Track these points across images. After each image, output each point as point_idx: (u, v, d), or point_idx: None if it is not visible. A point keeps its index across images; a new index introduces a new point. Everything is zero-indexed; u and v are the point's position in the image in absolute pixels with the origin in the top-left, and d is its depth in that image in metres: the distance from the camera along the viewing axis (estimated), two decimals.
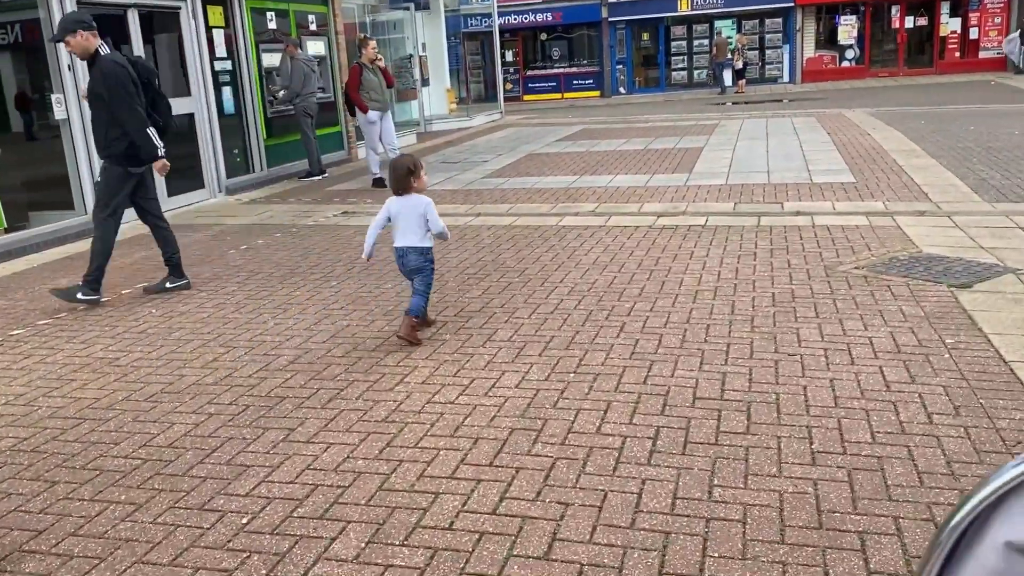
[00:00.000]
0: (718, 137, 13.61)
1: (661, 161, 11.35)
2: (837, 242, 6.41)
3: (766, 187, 8.94)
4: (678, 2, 27.49)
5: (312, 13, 12.47)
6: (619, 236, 7.05)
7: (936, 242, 6.25)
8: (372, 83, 10.17)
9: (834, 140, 12.19)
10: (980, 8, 25.44)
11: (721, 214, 7.77)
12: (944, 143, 11.24)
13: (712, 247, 6.46)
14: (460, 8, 26.35)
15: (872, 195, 8.20)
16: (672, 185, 9.46)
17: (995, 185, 8.29)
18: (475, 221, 8.09)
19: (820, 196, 8.31)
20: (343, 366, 4.24)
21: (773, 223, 7.25)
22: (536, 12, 28.92)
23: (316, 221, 8.55)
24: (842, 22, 26.83)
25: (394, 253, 4.63)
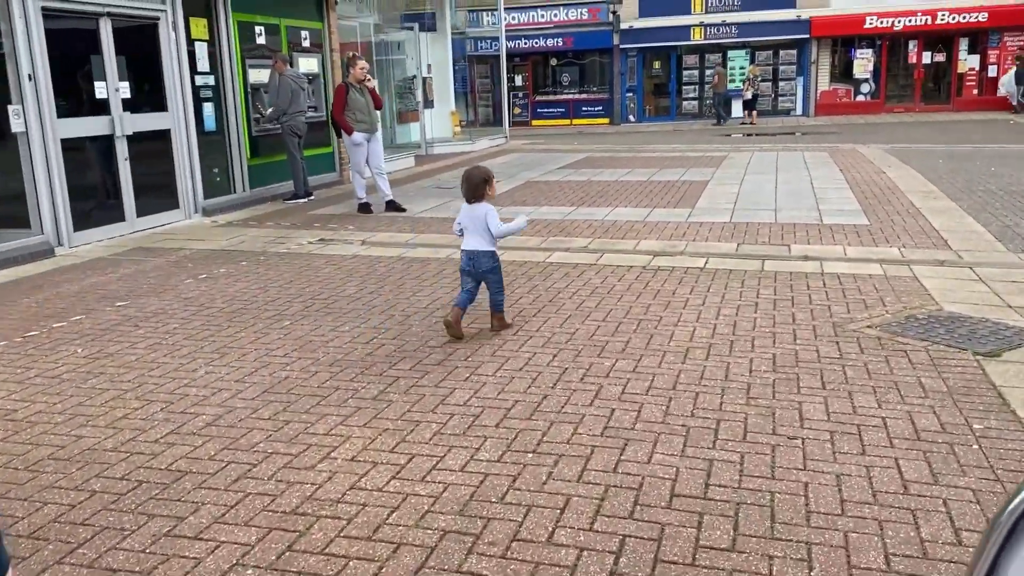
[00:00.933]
0: (725, 170, 13.04)
1: (664, 194, 10.77)
2: (848, 294, 5.79)
3: (772, 227, 8.34)
4: (691, 31, 27.06)
5: (306, 29, 11.99)
6: (609, 277, 6.45)
7: (958, 298, 5.62)
8: (358, 104, 9.64)
9: (847, 177, 11.60)
10: (999, 45, 24.91)
11: (723, 256, 7.17)
12: (963, 184, 10.63)
13: (710, 295, 5.85)
14: (466, 31, 26.05)
15: (887, 240, 7.59)
16: (673, 221, 8.87)
17: (1020, 233, 7.67)
18: (458, 254, 7.50)
19: (830, 239, 7.70)
20: (266, 432, 3.64)
21: (778, 268, 6.65)
22: (547, 37, 28.55)
23: (288, 248, 7.98)
24: (858, 56, 26.34)
25: (463, 256, 5.08)
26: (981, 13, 24.43)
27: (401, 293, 6.11)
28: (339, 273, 6.84)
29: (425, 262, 7.20)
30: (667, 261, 7.01)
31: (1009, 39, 24.79)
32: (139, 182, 8.92)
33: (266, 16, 11.07)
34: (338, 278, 6.66)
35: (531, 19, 28.98)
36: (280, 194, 11.08)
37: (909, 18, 25.05)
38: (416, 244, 8.02)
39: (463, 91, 29.98)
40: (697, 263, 6.91)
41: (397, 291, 6.17)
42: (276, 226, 9.28)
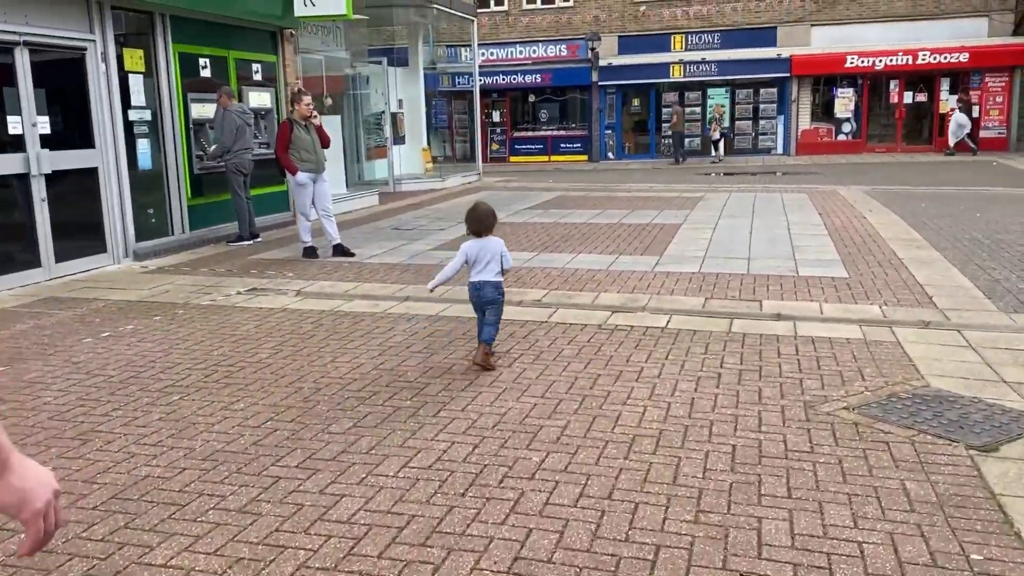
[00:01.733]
0: (700, 213, 12.45)
1: (632, 239, 10.14)
2: (823, 363, 5.12)
3: (744, 279, 7.70)
4: (670, 68, 26.74)
5: (258, 62, 11.37)
6: (559, 339, 5.76)
7: (946, 369, 4.97)
8: (303, 142, 8.99)
9: (826, 223, 11.02)
10: (981, 86, 24.68)
11: (688, 313, 6.51)
12: (948, 232, 10.06)
13: (668, 363, 5.17)
14: (441, 66, 25.62)
15: (867, 295, 6.96)
16: (638, 270, 8.22)
17: (1010, 289, 7.06)
18: (398, 307, 6.81)
19: (806, 294, 7.06)
20: (89, 560, 2.89)
21: (747, 329, 5.99)
22: (525, 73, 28.18)
23: (213, 300, 7.26)
24: (839, 94, 26.05)
25: (470, 287, 5.21)
26: (962, 53, 24.22)
27: (320, 357, 5.39)
28: (258, 331, 6.12)
29: (359, 318, 6.49)
30: (626, 319, 6.34)
31: (990, 80, 24.57)
32: (61, 225, 8.20)
33: (212, 48, 10.45)
34: (255, 338, 5.94)
35: (510, 55, 28.62)
36: (224, 236, 10.38)
37: (890, 57, 24.81)
38: (354, 296, 7.31)
39: (441, 127, 29.55)
40: (658, 322, 6.24)
41: (316, 355, 5.46)
42: (210, 272, 8.56)
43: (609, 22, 27.75)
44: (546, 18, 28.25)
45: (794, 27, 26.27)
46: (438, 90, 28.34)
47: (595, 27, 27.53)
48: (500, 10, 28.66)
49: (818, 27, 26.09)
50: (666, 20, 27.23)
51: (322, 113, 14.88)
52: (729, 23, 26.70)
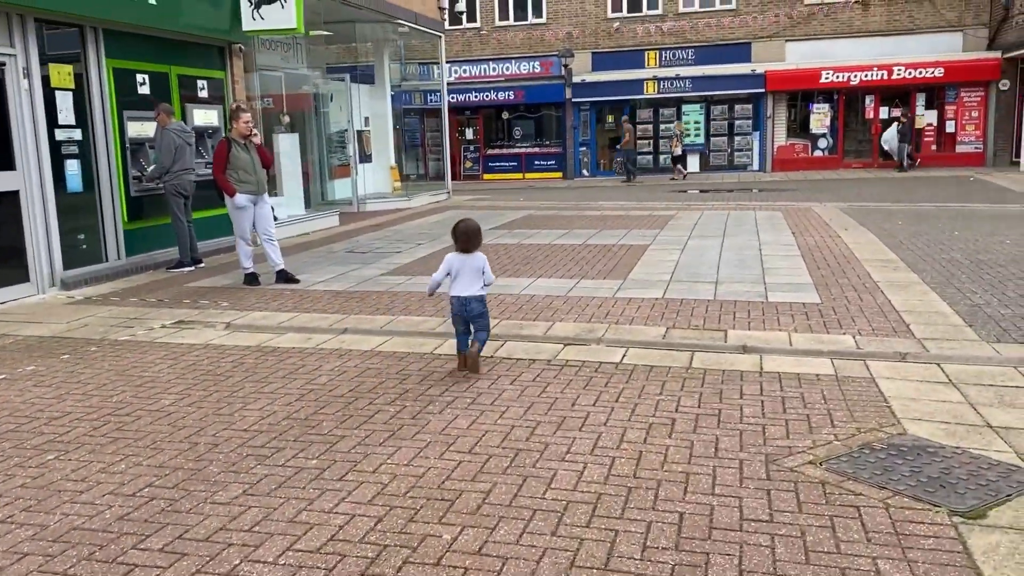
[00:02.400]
0: (669, 232, 11.98)
1: (596, 261, 9.63)
2: (789, 405, 4.61)
3: (710, 305, 7.20)
4: (644, 84, 26.42)
5: (203, 78, 10.82)
6: (501, 378, 5.22)
7: (924, 412, 4.47)
8: (242, 161, 8.43)
9: (799, 242, 10.56)
10: (957, 101, 24.50)
11: (646, 345, 5.99)
12: (925, 251, 9.62)
13: (618, 407, 4.63)
14: (412, 83, 25.16)
15: (840, 324, 6.47)
16: (598, 296, 7.70)
17: (992, 315, 6.59)
18: (331, 342, 6.24)
19: (775, 322, 6.56)
20: None
21: (709, 364, 5.47)
22: (498, 90, 27.77)
23: (133, 335, 6.66)
24: (815, 110, 25.81)
25: (454, 302, 5.36)
26: (937, 68, 24.04)
27: (229, 404, 4.82)
28: (170, 372, 5.54)
29: (285, 355, 5.92)
30: (578, 353, 5.81)
31: (966, 94, 24.39)
32: None
33: (151, 63, 9.88)
34: (164, 380, 5.35)
35: (483, 72, 28.23)
36: (165, 261, 9.78)
37: (865, 73, 24.60)
38: (288, 328, 6.74)
39: (414, 144, 29.06)
40: (614, 356, 5.71)
41: (226, 401, 4.88)
42: (139, 303, 7.96)
43: (582, 38, 27.43)
44: (519, 35, 27.90)
45: (769, 43, 26.05)
46: (410, 108, 27.90)
47: (568, 44, 27.20)
48: (473, 27, 28.28)
49: (793, 42, 25.89)
50: (640, 36, 26.95)
51: (279, 132, 14.36)
52: (703, 39, 26.45)
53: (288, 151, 13.86)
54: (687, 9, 26.55)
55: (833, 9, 25.43)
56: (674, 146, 25.40)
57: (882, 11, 25.13)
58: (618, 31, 27.07)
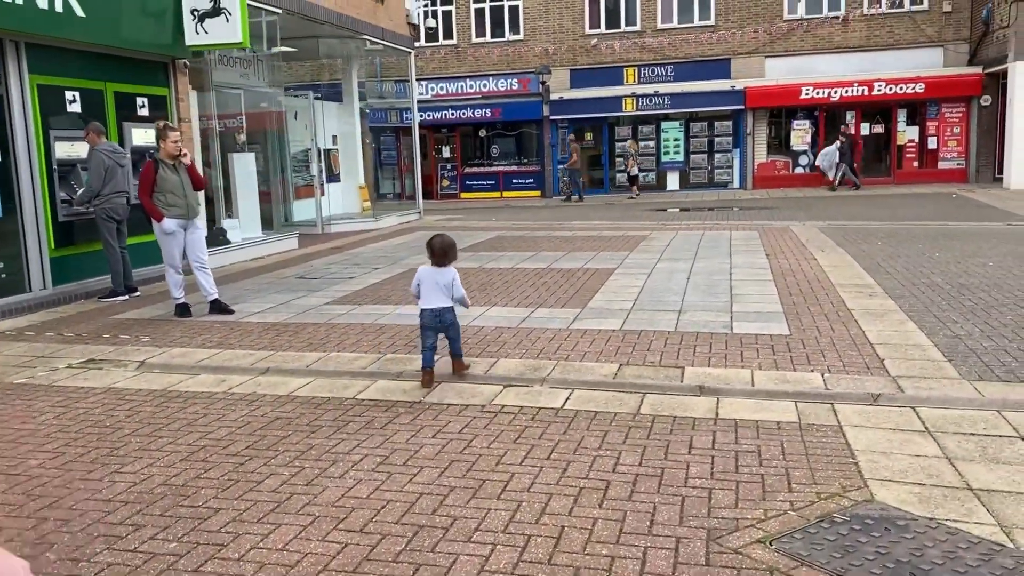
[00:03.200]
0: (639, 254, 11.44)
1: (557, 287, 9.07)
2: (742, 462, 4.04)
3: (670, 338, 6.64)
4: (623, 102, 25.99)
5: (144, 95, 10.23)
6: (422, 431, 4.63)
7: (896, 469, 3.91)
8: (170, 184, 7.84)
9: (772, 265, 10.03)
10: (938, 117, 24.16)
11: (594, 386, 5.42)
12: (904, 275, 9.10)
13: (547, 467, 4.05)
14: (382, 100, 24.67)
15: (808, 359, 5.92)
16: (552, 327, 7.14)
17: (973, 348, 6.06)
18: (246, 385, 5.64)
19: (738, 357, 6.01)
20: None
21: (660, 409, 4.91)
22: (475, 108, 27.28)
23: (31, 377, 6.04)
24: (795, 127, 25.42)
25: (427, 314, 5.48)
26: (918, 84, 23.71)
27: (105, 466, 4.21)
28: (54, 424, 4.92)
29: (191, 401, 5.32)
30: (517, 396, 5.23)
31: (947, 110, 24.06)
32: None
33: (83, 80, 9.30)
34: (42, 434, 4.74)
35: (460, 89, 27.75)
36: (99, 290, 9.15)
37: (846, 89, 24.24)
38: (205, 368, 6.13)
39: (389, 163, 28.55)
40: (555, 400, 5.14)
41: (103, 461, 4.27)
42: (56, 337, 7.34)
43: (560, 55, 27.01)
44: (496, 51, 27.44)
45: (748, 59, 25.69)
46: (386, 126, 27.41)
47: (546, 60, 26.78)
48: (449, 43, 27.84)
49: (772, 58, 25.53)
50: (618, 53, 26.54)
51: (234, 151, 13.79)
52: (682, 55, 26.06)
53: (244, 171, 13.28)
54: (666, 25, 26.18)
55: (813, 24, 25.10)
56: (630, 166, 25.12)
57: (862, 26, 24.82)
58: (596, 48, 26.67)
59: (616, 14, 26.59)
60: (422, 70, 28.10)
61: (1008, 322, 6.80)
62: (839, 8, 24.94)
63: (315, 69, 25.96)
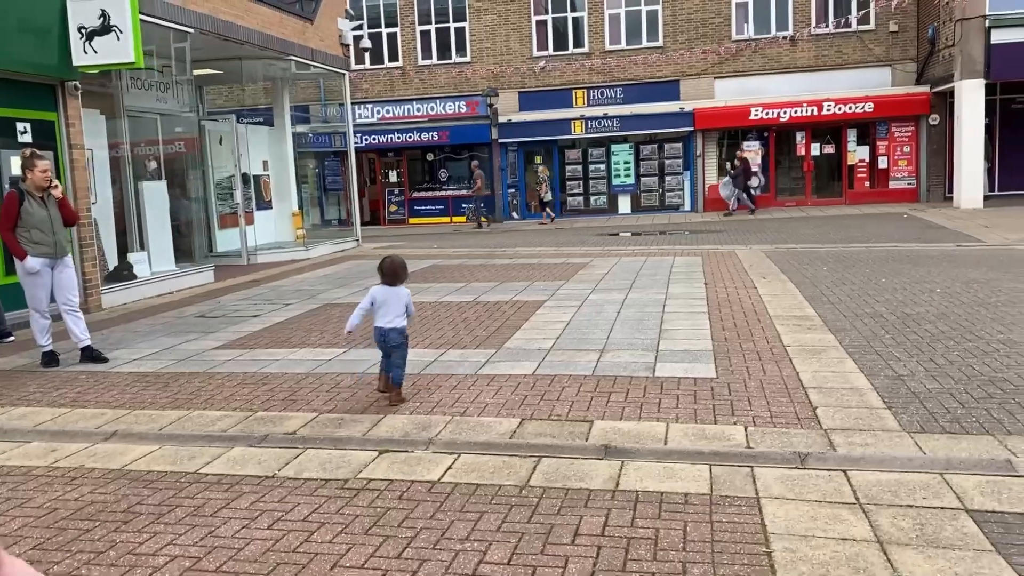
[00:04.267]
0: (574, 284, 10.75)
1: (479, 324, 8.34)
2: (633, 555, 3.32)
3: (585, 383, 5.93)
4: (571, 125, 25.48)
5: (26, 120, 9.36)
6: (257, 521, 3.84)
7: (816, 563, 3.21)
8: (36, 219, 6.99)
9: (709, 296, 9.39)
10: (888, 136, 23.95)
11: (486, 448, 4.69)
12: (847, 305, 8.51)
13: (393, 569, 3.29)
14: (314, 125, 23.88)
15: (733, 408, 5.24)
16: (458, 373, 6.40)
17: (916, 391, 5.42)
18: (79, 455, 4.81)
19: (655, 407, 5.31)
20: None
21: (553, 479, 4.18)
22: (422, 131, 26.61)
23: None
24: (745, 148, 25.04)
25: (376, 332, 5.61)
26: (867, 104, 23.50)
27: None
28: None
29: (1, 479, 4.47)
30: (390, 467, 4.47)
31: (897, 129, 23.87)
32: None
33: None
34: None
35: (406, 112, 27.09)
36: None
37: (795, 109, 23.96)
38: (41, 433, 5.28)
39: (335, 189, 27.70)
40: (435, 470, 4.39)
41: None
42: None
43: (508, 77, 26.48)
44: (443, 74, 26.85)
45: (698, 80, 25.37)
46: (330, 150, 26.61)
47: (494, 83, 26.23)
48: (395, 66, 27.19)
49: (721, 79, 25.23)
50: (567, 75, 26.08)
51: (144, 178, 12.91)
52: (631, 77, 25.67)
53: (155, 200, 12.41)
54: (614, 47, 25.79)
55: (761, 45, 24.86)
56: (542, 192, 24.65)
57: (810, 47, 24.63)
58: (544, 70, 26.19)
59: (564, 36, 26.16)
60: (367, 93, 27.40)
61: (954, 358, 6.19)
62: (787, 28, 24.75)
63: (254, 93, 25.16)
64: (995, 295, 8.72)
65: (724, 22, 25.06)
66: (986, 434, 4.62)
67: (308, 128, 24.73)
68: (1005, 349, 6.42)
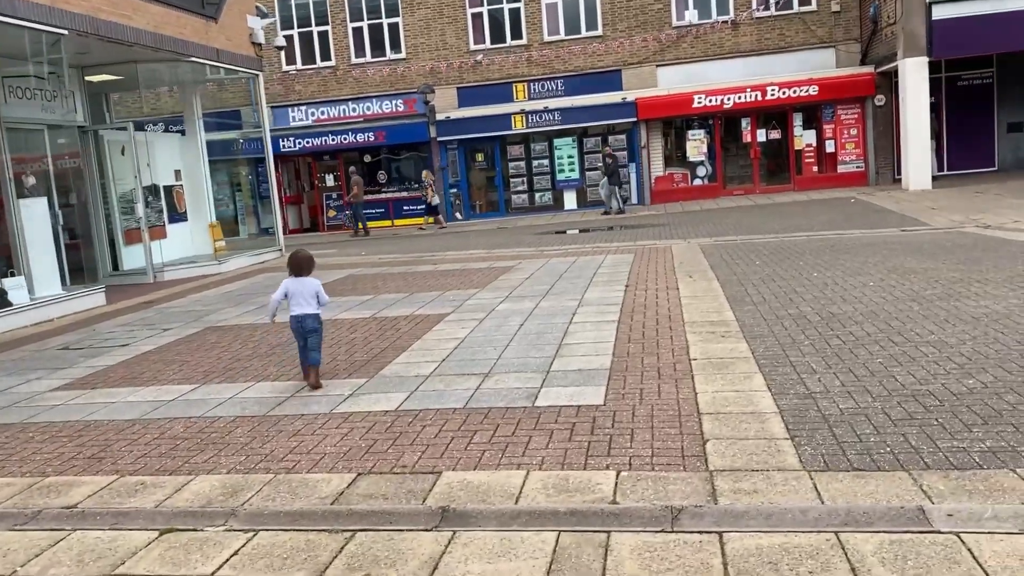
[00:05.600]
0: (487, 293, 9.89)
1: (363, 345, 7.45)
2: None
3: (451, 420, 5.06)
4: (512, 120, 24.60)
5: None
6: None
7: None
8: None
9: (626, 301, 8.57)
10: (834, 119, 23.36)
11: (295, 520, 3.81)
12: (772, 305, 7.73)
13: None
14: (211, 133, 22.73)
15: (611, 445, 4.42)
16: (310, 412, 5.50)
17: (827, 413, 4.63)
18: None
19: (520, 449, 4.47)
20: None
21: (354, 567, 3.30)
22: (356, 132, 25.59)
23: None
24: (691, 137, 24.38)
25: (292, 321, 6.00)
26: (811, 87, 22.90)
27: None
28: None
29: None
30: (159, 558, 3.58)
31: (842, 112, 23.28)
32: None
33: None
34: None
35: (341, 113, 26.06)
36: None
37: (739, 95, 23.30)
38: None
39: (267, 196, 26.54)
40: (212, 559, 3.53)
41: None
42: None
43: (446, 73, 25.55)
44: (378, 71, 25.83)
45: (640, 68, 24.63)
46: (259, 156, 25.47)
47: (431, 79, 25.29)
48: (328, 65, 26.14)
49: (664, 67, 24.51)
50: (507, 68, 25.21)
51: (21, 196, 11.83)
52: (572, 68, 24.87)
53: (35, 219, 11.34)
54: (553, 38, 24.96)
55: (703, 31, 24.17)
56: (429, 196, 23.83)
57: (752, 30, 23.98)
58: (482, 64, 25.29)
59: (501, 28, 25.28)
60: (301, 94, 26.32)
61: (876, 367, 5.41)
62: (728, 12, 24.07)
63: (173, 101, 23.98)
64: (931, 287, 7.99)
65: (664, 8, 24.33)
66: (900, 469, 3.84)
67: (239, 134, 23.65)
68: (934, 353, 5.65)
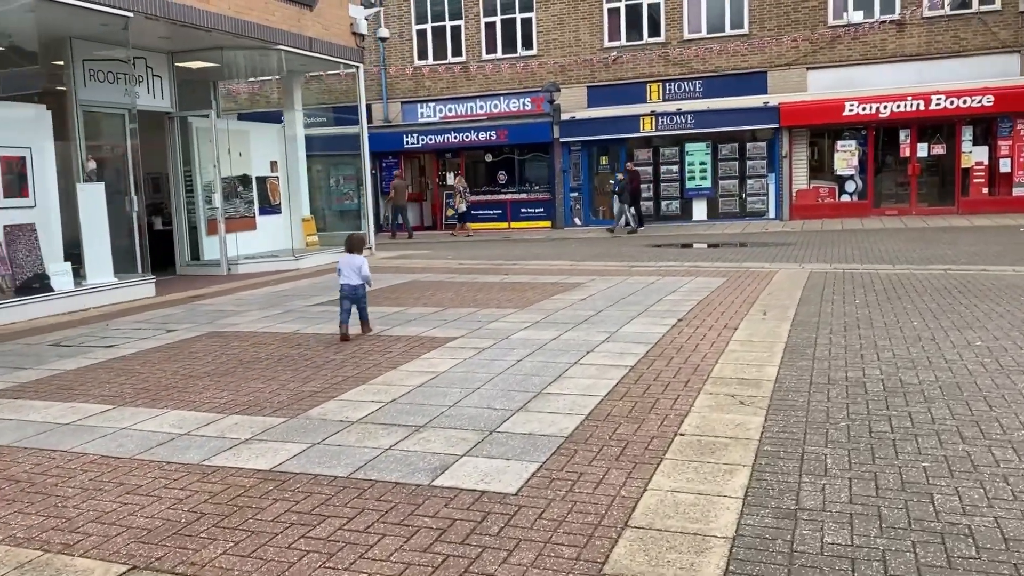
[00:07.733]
0: (518, 316, 8.67)
1: (330, 372, 6.44)
2: None
3: (322, 490, 3.98)
4: (640, 122, 23.04)
5: None
6: None
7: None
8: None
9: (664, 340, 7.08)
10: (1012, 135, 20.24)
11: None
12: (834, 363, 6.05)
13: None
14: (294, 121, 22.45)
15: (464, 570, 3.11)
16: (177, 460, 4.52)
17: (800, 554, 3.18)
18: None
19: (357, 551, 3.31)
20: None
21: None
22: (479, 130, 24.83)
23: None
24: (840, 148, 21.91)
25: (345, 288, 7.41)
26: (986, 96, 19.95)
27: None
28: None
29: None
30: None
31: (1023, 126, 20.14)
32: None
33: None
34: None
35: (468, 110, 25.45)
36: None
37: (897, 103, 20.67)
38: None
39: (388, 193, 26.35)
40: None
41: None
42: None
43: (576, 70, 24.36)
44: (508, 68, 24.99)
45: (787, 71, 22.46)
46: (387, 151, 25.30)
47: (561, 77, 24.17)
48: (458, 61, 25.58)
49: (815, 70, 22.23)
50: (641, 67, 23.70)
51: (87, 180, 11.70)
52: (711, 69, 23.03)
53: (90, 205, 11.16)
54: (694, 35, 23.21)
55: (862, 31, 21.67)
56: (458, 202, 22.53)
57: (921, 31, 21.24)
58: (616, 61, 23.89)
59: (638, 24, 23.80)
60: (431, 91, 25.90)
61: (912, 478, 3.78)
62: (894, 11, 21.43)
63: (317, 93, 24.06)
64: None
65: (819, 5, 22.04)
66: None
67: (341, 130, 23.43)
68: (1012, 463, 3.93)
